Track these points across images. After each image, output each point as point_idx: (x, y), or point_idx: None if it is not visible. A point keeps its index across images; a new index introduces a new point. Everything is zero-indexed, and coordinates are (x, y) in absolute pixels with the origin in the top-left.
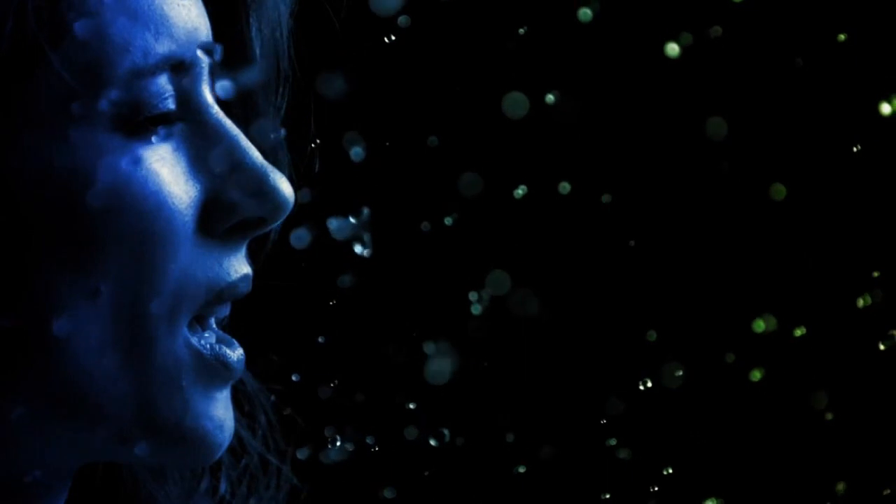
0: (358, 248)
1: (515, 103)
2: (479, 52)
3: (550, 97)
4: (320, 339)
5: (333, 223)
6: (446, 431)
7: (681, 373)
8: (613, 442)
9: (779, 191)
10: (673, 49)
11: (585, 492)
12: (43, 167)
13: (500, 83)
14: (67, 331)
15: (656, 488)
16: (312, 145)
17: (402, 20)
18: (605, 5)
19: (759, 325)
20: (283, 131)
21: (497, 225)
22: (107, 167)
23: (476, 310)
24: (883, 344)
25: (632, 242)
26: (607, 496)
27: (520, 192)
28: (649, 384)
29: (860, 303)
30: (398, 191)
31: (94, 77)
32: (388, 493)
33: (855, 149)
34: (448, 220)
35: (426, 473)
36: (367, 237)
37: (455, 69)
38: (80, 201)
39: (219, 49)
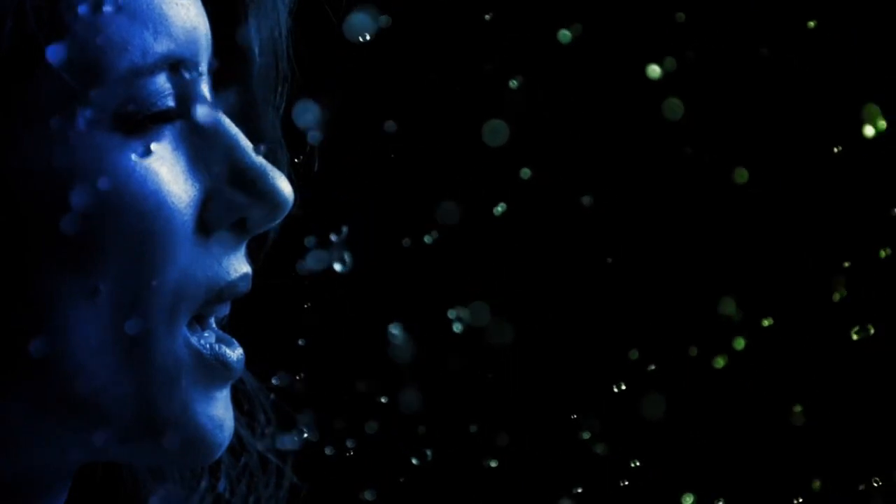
0: (338, 267)
1: (495, 131)
2: (460, 74)
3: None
4: (300, 342)
5: (309, 258)
6: (429, 452)
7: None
8: (587, 436)
9: (741, 174)
10: (654, 71)
11: (558, 486)
12: (42, 166)
13: (480, 104)
14: (66, 330)
15: (626, 482)
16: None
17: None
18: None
19: (729, 308)
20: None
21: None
22: (106, 166)
23: (457, 328)
24: (856, 334)
25: (609, 260)
26: (579, 490)
27: (499, 209)
28: (623, 387)
29: (836, 296)
30: (382, 205)
31: (93, 76)
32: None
33: (835, 149)
34: (428, 239)
35: (411, 467)
36: (347, 256)
37: (435, 90)
38: (79, 201)
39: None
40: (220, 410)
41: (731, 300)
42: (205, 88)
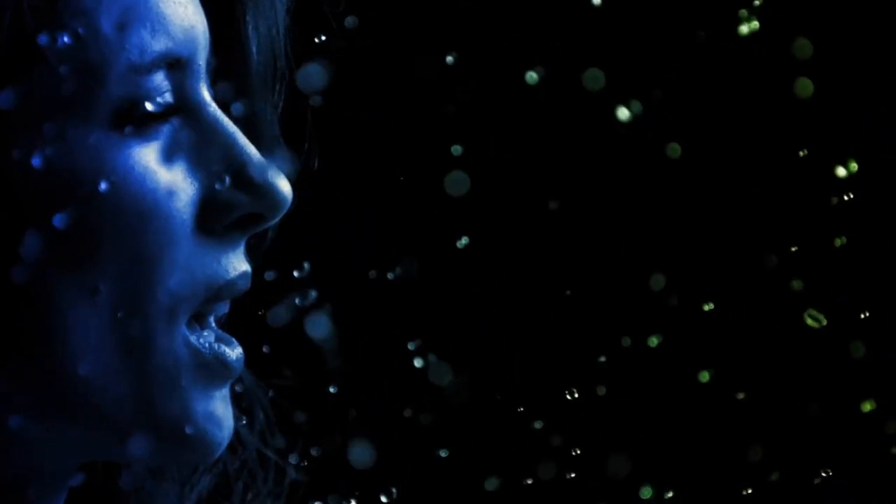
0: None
1: (457, 182)
2: (423, 115)
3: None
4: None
5: (273, 313)
6: (394, 490)
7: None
8: (539, 424)
9: (673, 149)
10: (624, 114)
11: (512, 476)
12: (41, 166)
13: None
14: (66, 330)
15: (573, 474)
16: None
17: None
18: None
19: (657, 284)
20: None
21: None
22: (105, 165)
23: (419, 363)
24: (810, 319)
25: (568, 292)
26: (530, 481)
27: (463, 241)
28: (576, 394)
29: (794, 286)
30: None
31: (91, 75)
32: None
33: (801, 153)
34: (392, 274)
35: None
36: (312, 294)
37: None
38: (78, 200)
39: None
40: (219, 409)
41: (661, 277)
42: (203, 86)
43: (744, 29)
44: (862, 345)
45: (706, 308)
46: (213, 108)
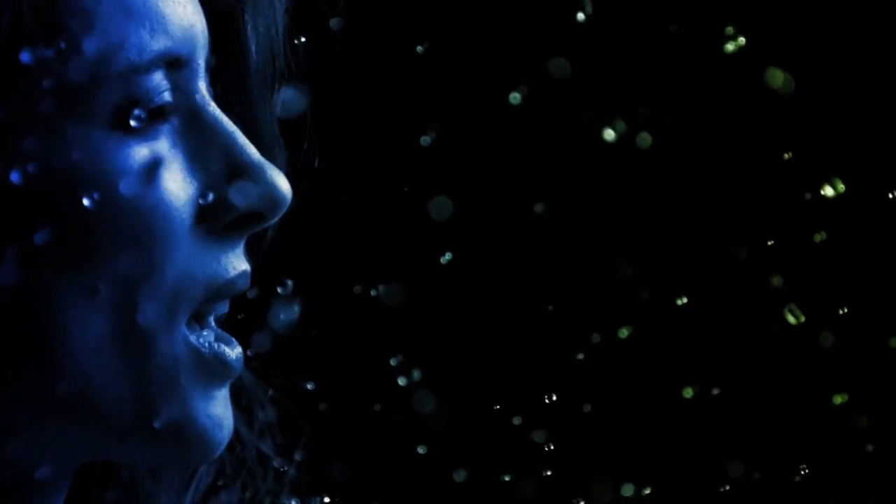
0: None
1: (440, 207)
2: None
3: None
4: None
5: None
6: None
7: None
8: (518, 421)
9: (644, 139)
10: (610, 134)
11: (483, 473)
12: (40, 165)
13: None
14: (66, 330)
15: (548, 472)
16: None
17: None
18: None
19: (625, 271)
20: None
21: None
22: (104, 165)
23: (402, 382)
24: (790, 316)
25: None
26: (507, 478)
27: (447, 257)
28: (555, 397)
29: (775, 282)
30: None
31: (90, 74)
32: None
33: (785, 155)
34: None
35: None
36: (295, 308)
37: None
38: (77, 200)
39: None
40: (219, 409)
41: (626, 264)
42: (202, 85)
43: (729, 46)
44: (831, 335)
45: (679, 303)
46: (213, 107)
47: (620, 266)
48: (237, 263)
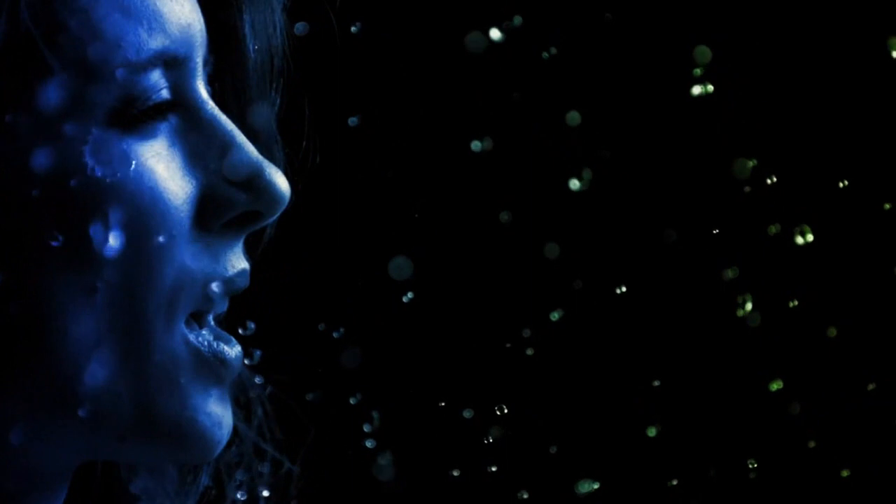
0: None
1: (399, 268)
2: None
3: None
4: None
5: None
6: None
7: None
8: (465, 413)
9: (573, 118)
10: (574, 184)
11: (438, 469)
12: (39, 164)
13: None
14: (64, 329)
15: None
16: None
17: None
18: None
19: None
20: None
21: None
22: (103, 164)
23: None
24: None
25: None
26: (456, 473)
27: (408, 296)
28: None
29: (729, 274)
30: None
31: (87, 73)
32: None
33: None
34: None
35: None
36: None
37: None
38: (75, 199)
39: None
40: (218, 408)
41: (555, 245)
42: (200, 84)
43: (695, 90)
44: (758, 315)
45: (617, 292)
46: (211, 105)
47: (550, 248)
48: (236, 262)
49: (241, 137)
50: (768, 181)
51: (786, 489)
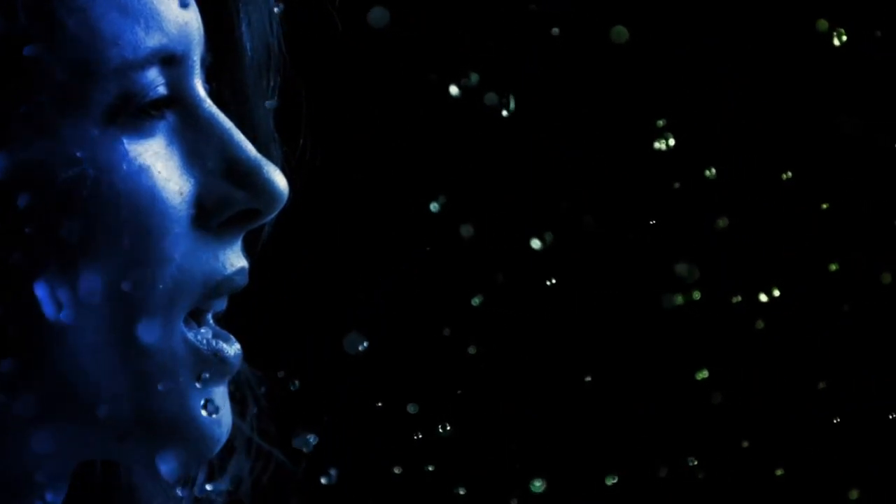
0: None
1: (352, 342)
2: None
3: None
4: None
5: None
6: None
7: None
8: (409, 409)
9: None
10: (535, 243)
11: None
12: (37, 163)
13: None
14: (64, 328)
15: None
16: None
17: None
18: None
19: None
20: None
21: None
22: (100, 163)
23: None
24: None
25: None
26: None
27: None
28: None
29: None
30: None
31: (85, 72)
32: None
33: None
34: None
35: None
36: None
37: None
38: (74, 197)
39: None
40: (217, 406)
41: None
42: (198, 82)
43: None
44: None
45: (548, 283)
46: (209, 103)
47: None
48: (235, 260)
49: (239, 135)
50: (707, 174)
51: (721, 488)
